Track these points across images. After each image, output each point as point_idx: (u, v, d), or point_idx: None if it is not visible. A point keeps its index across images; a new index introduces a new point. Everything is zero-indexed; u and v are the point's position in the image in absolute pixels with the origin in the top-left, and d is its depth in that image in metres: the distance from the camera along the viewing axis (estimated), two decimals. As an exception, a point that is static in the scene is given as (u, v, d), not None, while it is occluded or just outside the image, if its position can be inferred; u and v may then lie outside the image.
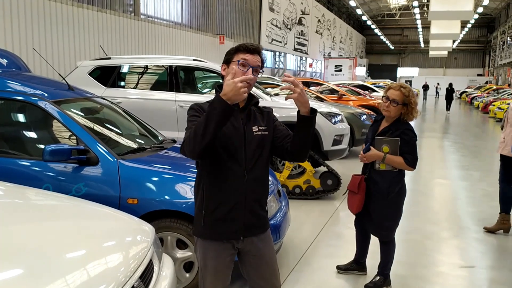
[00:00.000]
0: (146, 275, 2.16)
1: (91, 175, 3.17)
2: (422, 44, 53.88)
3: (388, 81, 28.05)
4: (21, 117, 3.77)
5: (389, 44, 55.55)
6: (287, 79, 1.95)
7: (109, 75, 6.44)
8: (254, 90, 6.36)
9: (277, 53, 29.24)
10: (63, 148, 3.04)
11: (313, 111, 2.04)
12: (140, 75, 6.60)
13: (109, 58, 6.66)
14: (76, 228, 2.23)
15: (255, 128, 2.10)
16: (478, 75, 54.55)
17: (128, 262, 2.01)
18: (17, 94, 3.48)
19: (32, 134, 3.71)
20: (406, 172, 3.37)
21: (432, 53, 46.49)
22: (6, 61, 4.33)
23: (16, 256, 1.77)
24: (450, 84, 24.82)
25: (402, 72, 57.70)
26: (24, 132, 3.74)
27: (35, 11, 10.34)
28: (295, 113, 2.06)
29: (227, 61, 2.07)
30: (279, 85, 10.02)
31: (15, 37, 9.80)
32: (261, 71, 2.07)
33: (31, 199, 2.59)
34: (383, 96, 3.33)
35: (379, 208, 3.33)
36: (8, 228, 2.06)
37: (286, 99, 2.11)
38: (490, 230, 4.88)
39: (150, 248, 2.29)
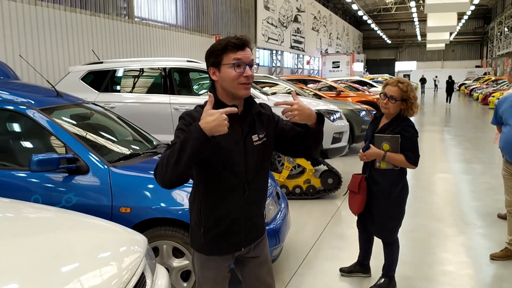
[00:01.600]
0: (138, 289, 2.07)
1: (82, 184, 3.05)
2: (419, 38, 53.71)
3: (386, 76, 27.96)
4: (9, 127, 3.65)
5: (386, 39, 55.41)
6: (279, 103, 1.86)
7: (102, 80, 6.33)
8: (252, 91, 6.31)
9: (274, 52, 29.13)
10: (51, 158, 2.92)
11: (321, 118, 1.93)
12: (133, 79, 6.49)
13: (101, 62, 6.54)
14: (68, 241, 2.20)
15: (254, 138, 1.92)
16: (476, 66, 54.38)
17: (121, 274, 1.99)
18: (4, 103, 3.36)
19: (21, 144, 3.60)
20: (408, 169, 3.25)
21: (429, 46, 46.32)
22: (-6, 69, 4.22)
23: (10, 271, 1.77)
24: (450, 77, 25.53)
25: (400, 66, 57.61)
26: (12, 142, 3.62)
27: (27, 17, 10.22)
28: None
29: (215, 63, 1.84)
30: (276, 84, 9.90)
31: (6, 44, 9.67)
32: (255, 64, 1.94)
33: (22, 213, 2.52)
34: (380, 93, 3.21)
35: (381, 208, 3.21)
36: (3, 242, 2.03)
37: (291, 122, 1.90)
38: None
39: (142, 259, 2.23)
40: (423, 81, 37.45)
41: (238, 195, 1.92)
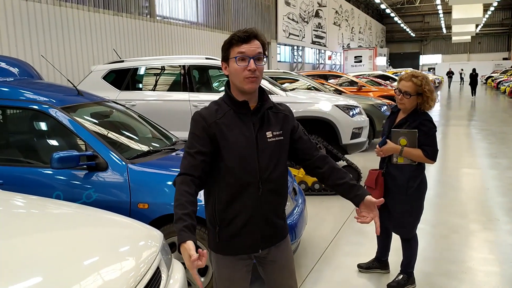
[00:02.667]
0: (153, 283, 2.11)
1: (101, 181, 3.12)
2: (444, 30, 52.55)
3: (409, 70, 27.46)
4: (33, 125, 3.77)
5: (410, 32, 54.42)
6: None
7: (123, 78, 6.43)
8: (270, 87, 6.32)
9: (295, 47, 28.98)
10: (72, 155, 2.99)
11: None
12: (153, 77, 6.57)
13: (123, 61, 6.64)
14: (88, 236, 2.27)
15: (269, 134, 1.88)
16: (504, 59, 52.85)
17: (138, 267, 2.06)
18: (28, 103, 3.46)
19: (43, 142, 3.70)
20: (431, 164, 3.19)
21: (455, 38, 45.26)
22: (18, 70, 4.34)
23: (34, 265, 1.84)
24: (474, 70, 25.95)
25: (425, 59, 56.54)
26: (36, 140, 3.74)
27: (51, 17, 10.46)
28: (312, 108, 1.95)
29: (225, 58, 1.85)
30: (297, 80, 9.86)
31: (32, 44, 9.92)
32: (264, 57, 1.84)
33: (46, 209, 2.59)
34: (395, 89, 3.17)
35: (398, 204, 3.18)
36: (27, 238, 2.11)
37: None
38: None
39: (158, 254, 2.27)
40: (450, 74, 36.67)
41: (252, 194, 1.87)
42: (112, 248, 2.16)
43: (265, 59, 1.85)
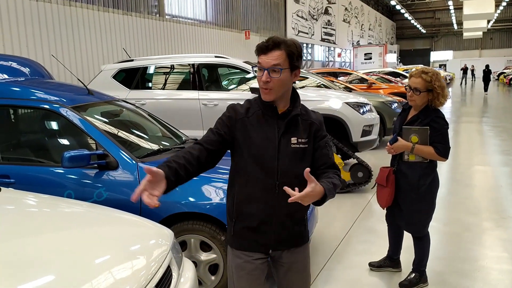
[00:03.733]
0: (164, 282, 2.12)
1: (112, 180, 3.13)
2: (455, 26, 51.92)
3: (420, 67, 27.24)
4: (44, 125, 3.79)
5: (420, 28, 53.87)
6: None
7: (132, 77, 6.45)
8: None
9: (304, 45, 28.88)
10: (82, 154, 3.01)
11: (324, 196, 1.78)
12: (163, 75, 6.58)
13: (132, 60, 6.66)
14: (99, 235, 2.29)
15: (293, 140, 1.89)
16: (517, 54, 52.17)
17: (149, 265, 2.07)
18: (39, 102, 3.48)
19: (54, 141, 3.72)
20: (442, 162, 3.15)
21: (466, 34, 44.71)
22: (29, 69, 4.38)
23: (47, 263, 1.87)
24: (487, 66, 25.90)
25: (436, 56, 55.97)
26: (46, 139, 3.76)
27: (62, 17, 10.53)
28: (321, 106, 1.95)
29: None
30: (306, 77, 9.82)
31: (43, 44, 10.00)
32: (288, 68, 1.82)
33: (58, 208, 2.61)
34: (405, 86, 3.14)
35: (409, 202, 3.14)
36: (39, 236, 2.14)
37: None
38: None
39: (168, 252, 2.28)
40: (465, 70, 36.23)
41: (270, 195, 1.89)
42: (123, 247, 2.18)
43: (291, 70, 1.83)
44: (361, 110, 6.19)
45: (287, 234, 1.97)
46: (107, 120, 3.79)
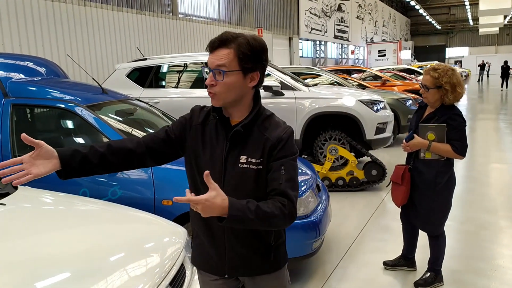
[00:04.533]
0: (178, 280, 2.13)
1: (126, 178, 3.15)
2: (471, 22, 51.20)
3: (435, 63, 26.92)
4: (59, 123, 3.84)
5: (435, 24, 53.25)
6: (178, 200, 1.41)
7: (146, 76, 6.49)
8: (293, 83, 6.28)
9: (317, 42, 28.75)
10: (97, 152, 3.03)
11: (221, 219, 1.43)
12: (176, 74, 6.61)
13: (146, 59, 6.70)
14: (114, 232, 2.31)
15: (242, 159, 1.55)
16: (534, 50, 51.22)
17: (163, 263, 2.08)
18: (55, 101, 3.52)
19: (70, 139, 3.76)
20: (456, 159, 3.11)
21: (482, 30, 44.04)
22: (45, 69, 4.42)
23: (63, 260, 1.89)
24: (505, 62, 26.14)
25: (451, 52, 55.27)
26: (62, 137, 3.81)
27: (77, 17, 10.65)
28: (335, 103, 1.82)
29: None
30: (319, 75, 9.78)
31: (58, 44, 10.12)
32: (241, 70, 1.50)
33: (73, 206, 2.65)
34: (419, 83, 3.11)
35: (425, 201, 3.10)
36: (55, 234, 2.17)
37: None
38: None
39: (182, 250, 2.29)
40: (482, 66, 35.70)
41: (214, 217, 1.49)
42: (137, 245, 2.19)
43: (243, 73, 1.50)
44: (375, 108, 6.13)
45: (242, 262, 1.67)
46: (121, 119, 3.82)
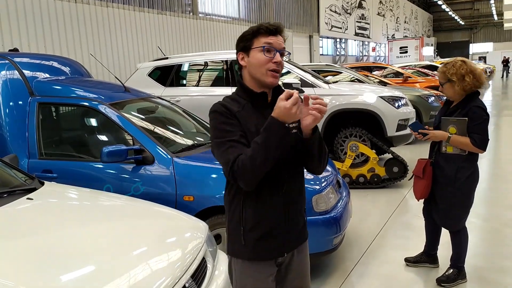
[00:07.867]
0: (199, 273, 2.16)
1: (148, 174, 3.21)
2: (495, 17, 50.03)
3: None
4: (83, 121, 3.93)
5: (458, 20, 52.17)
6: (313, 97, 1.62)
7: (167, 75, 6.57)
8: (313, 80, 6.25)
9: (338, 40, 28.53)
10: (120, 149, 3.10)
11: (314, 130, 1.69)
12: (196, 72, 6.68)
13: (167, 58, 6.79)
14: (137, 227, 2.35)
15: (291, 124, 1.66)
16: (561, 45, 49.74)
17: (184, 257, 2.12)
18: (79, 100, 3.62)
19: (94, 137, 3.86)
20: (481, 155, 3.06)
21: (507, 25, 42.93)
22: (69, 68, 4.53)
23: (87, 254, 1.94)
24: None
25: (475, 48, 54.12)
26: (86, 135, 3.90)
27: (100, 18, 10.84)
28: (355, 100, 1.85)
29: (245, 48, 1.73)
30: (340, 72, 9.72)
31: (82, 44, 10.33)
32: (286, 53, 1.75)
33: (98, 201, 2.71)
34: None
35: (445, 195, 3.07)
36: (80, 228, 2.22)
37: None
38: None
39: (203, 245, 2.32)
40: (506, 62, 34.78)
41: (277, 193, 1.74)
42: (159, 239, 2.23)
43: (287, 53, 1.76)
44: (396, 104, 6.07)
45: (297, 231, 1.86)
46: (143, 117, 3.89)
